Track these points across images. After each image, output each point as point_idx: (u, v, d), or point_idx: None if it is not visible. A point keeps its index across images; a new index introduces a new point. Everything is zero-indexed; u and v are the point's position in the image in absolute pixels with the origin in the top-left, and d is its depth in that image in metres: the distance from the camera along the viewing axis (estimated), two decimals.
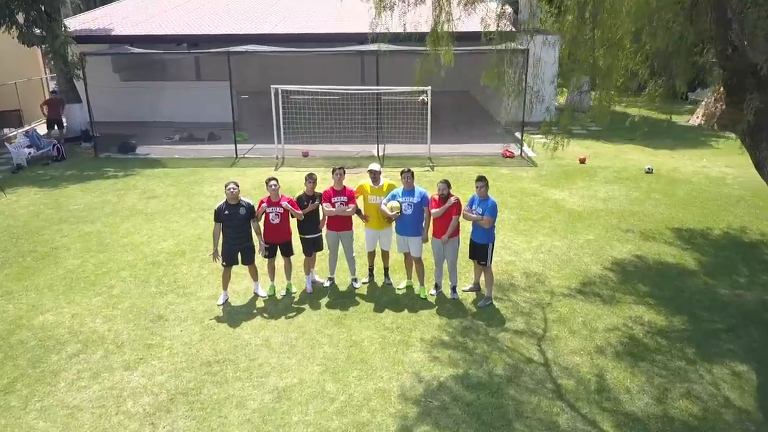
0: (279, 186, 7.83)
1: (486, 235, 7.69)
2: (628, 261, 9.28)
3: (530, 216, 11.23)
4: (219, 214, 7.60)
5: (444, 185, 7.69)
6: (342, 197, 7.98)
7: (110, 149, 16.57)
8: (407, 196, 7.80)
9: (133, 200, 12.19)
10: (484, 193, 7.67)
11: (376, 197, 7.97)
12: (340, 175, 7.98)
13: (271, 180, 7.84)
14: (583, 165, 15.07)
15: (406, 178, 7.82)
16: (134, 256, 9.38)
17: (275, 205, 7.78)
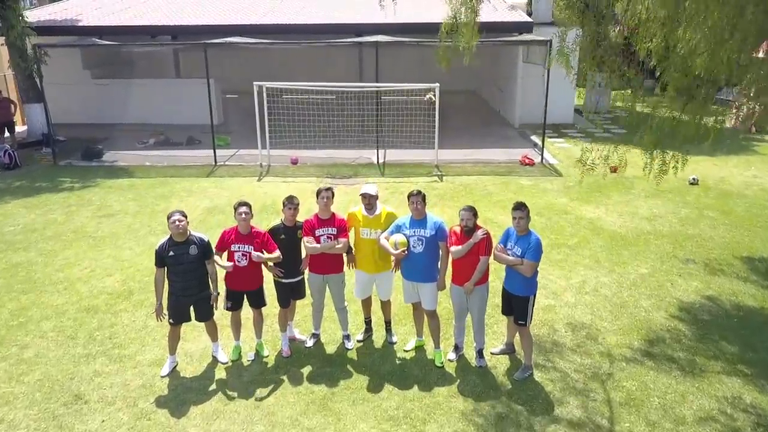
0: (251, 215, 5.87)
1: (526, 285, 5.64)
2: (699, 305, 7.24)
3: (564, 241, 9.19)
4: (161, 256, 5.60)
5: (469, 214, 5.66)
6: (329, 229, 5.92)
7: (73, 155, 14.54)
8: (417, 228, 5.79)
9: (83, 220, 10.13)
10: (525, 227, 5.59)
11: (370, 230, 5.94)
12: (326, 199, 5.90)
13: (241, 206, 5.82)
14: (615, 174, 13.00)
15: (416, 204, 5.78)
16: (66, 299, 7.33)
17: (244, 242, 5.79)
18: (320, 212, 5.96)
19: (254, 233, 5.84)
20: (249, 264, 5.81)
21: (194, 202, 11.04)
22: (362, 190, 6.03)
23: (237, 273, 5.84)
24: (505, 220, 10.03)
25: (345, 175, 12.89)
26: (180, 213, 5.66)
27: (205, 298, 5.83)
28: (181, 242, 5.59)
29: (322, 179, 12.60)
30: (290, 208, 5.97)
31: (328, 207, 5.94)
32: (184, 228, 5.58)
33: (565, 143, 16.12)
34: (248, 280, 5.95)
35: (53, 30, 16.32)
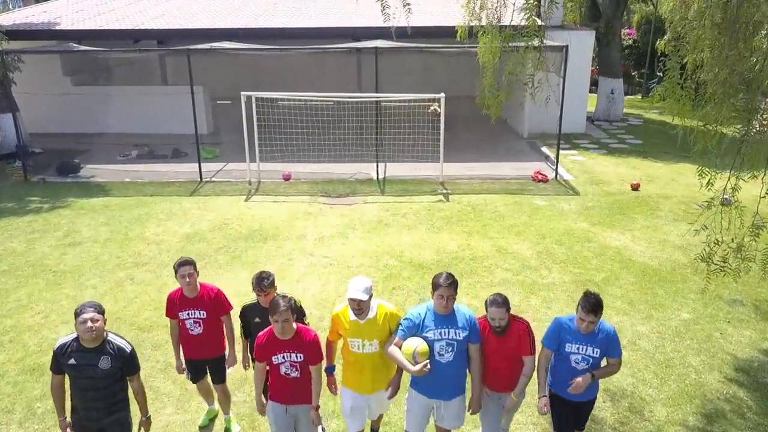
0: (197, 274, 4.79)
1: (593, 385, 4.35)
2: (757, 363, 6.13)
3: (590, 276, 8.07)
4: (58, 361, 4.04)
5: (502, 311, 4.10)
6: (293, 354, 4.12)
7: (48, 170, 13.41)
8: (444, 327, 4.13)
9: (45, 249, 9.00)
10: (589, 329, 4.18)
11: (362, 342, 4.22)
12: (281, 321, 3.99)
13: (182, 266, 4.69)
14: (636, 192, 11.91)
15: (446, 299, 4.07)
16: (9, 355, 6.20)
17: (194, 307, 4.79)
18: (277, 330, 4.06)
19: (203, 295, 4.83)
20: (204, 332, 4.83)
21: (173, 227, 9.91)
22: (349, 292, 4.12)
23: (192, 341, 4.89)
24: (520, 249, 8.94)
25: (342, 193, 11.78)
26: (95, 309, 3.95)
27: (118, 423, 4.13)
28: (91, 349, 3.96)
29: (316, 197, 11.48)
30: (261, 293, 4.51)
31: (286, 327, 4.03)
32: (100, 332, 3.93)
33: (579, 156, 15.01)
34: (206, 348, 4.93)
35: (30, 34, 15.24)
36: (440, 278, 4.12)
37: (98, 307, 4.01)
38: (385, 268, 8.32)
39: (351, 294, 4.13)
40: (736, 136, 4.51)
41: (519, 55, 6.13)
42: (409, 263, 8.46)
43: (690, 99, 4.72)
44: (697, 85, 4.94)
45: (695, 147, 4.72)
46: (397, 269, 8.27)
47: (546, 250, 8.94)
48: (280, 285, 7.64)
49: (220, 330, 4.99)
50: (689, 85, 4.69)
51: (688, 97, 4.70)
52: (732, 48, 5.14)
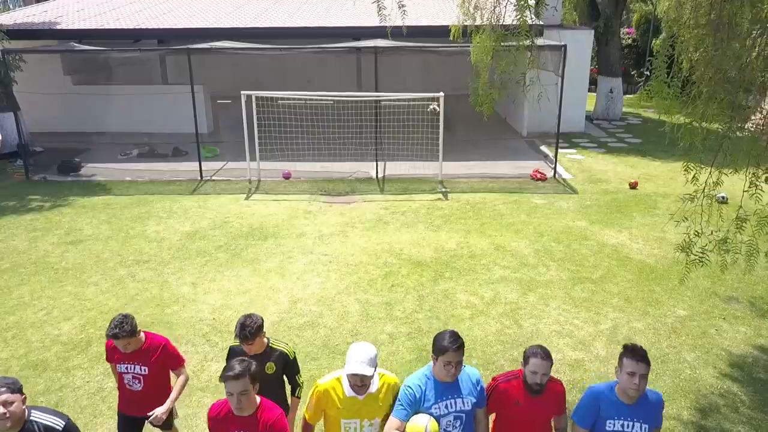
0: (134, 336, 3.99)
1: None
2: (752, 358, 6.20)
3: (587, 274, 8.14)
4: None
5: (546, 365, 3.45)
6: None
7: (49, 169, 13.49)
8: (449, 397, 3.48)
9: (48, 247, 9.08)
10: (642, 388, 3.38)
11: (360, 423, 3.48)
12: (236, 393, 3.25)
13: (118, 327, 3.91)
14: (634, 191, 11.99)
15: (453, 366, 3.40)
16: (12, 351, 6.28)
17: (134, 360, 4.10)
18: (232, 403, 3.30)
19: (147, 347, 4.11)
20: (145, 388, 4.14)
21: (174, 225, 9.98)
22: (349, 365, 3.33)
23: (130, 397, 4.23)
24: (518, 247, 9.01)
25: (341, 192, 11.85)
26: (9, 388, 3.16)
27: None
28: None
29: (315, 196, 11.55)
30: (246, 341, 3.86)
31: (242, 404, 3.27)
32: (16, 417, 3.14)
33: (577, 155, 15.08)
34: (146, 406, 4.14)
35: (30, 33, 15.29)
36: (444, 340, 3.38)
37: (13, 384, 3.21)
38: (385, 265, 8.39)
39: (352, 369, 3.29)
40: (720, 132, 4.57)
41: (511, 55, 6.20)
42: (408, 261, 8.53)
43: (676, 97, 4.79)
44: (684, 83, 5.00)
45: (681, 143, 4.79)
46: (396, 267, 8.34)
47: (544, 247, 9.01)
48: (281, 281, 7.79)
49: (166, 384, 4.29)
50: (675, 83, 4.76)
51: (675, 95, 4.77)
52: (717, 48, 5.23)
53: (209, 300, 7.36)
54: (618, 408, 3.42)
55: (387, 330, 6.66)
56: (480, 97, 7.06)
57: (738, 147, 4.80)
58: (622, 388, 3.40)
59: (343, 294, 7.53)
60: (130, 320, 3.99)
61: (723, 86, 5.22)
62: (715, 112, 4.64)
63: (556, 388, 3.64)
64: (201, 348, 6.32)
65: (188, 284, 7.79)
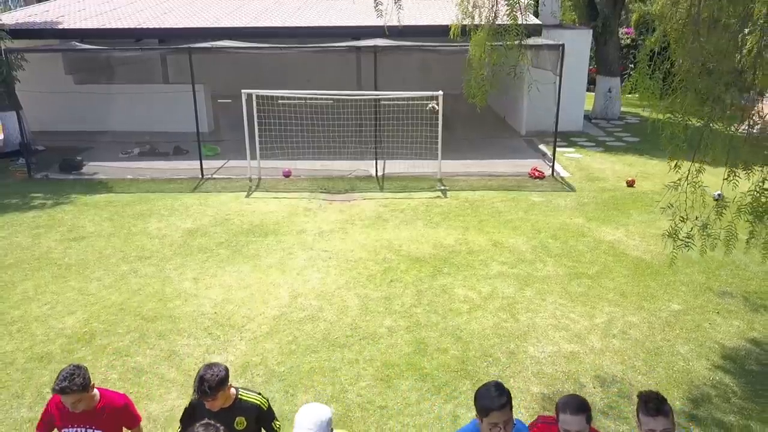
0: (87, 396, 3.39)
1: None
2: (744, 351, 6.30)
3: (584, 270, 8.24)
4: None
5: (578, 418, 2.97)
6: None
7: (50, 167, 13.59)
8: None
9: (50, 243, 9.18)
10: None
11: None
12: None
13: (63, 383, 3.28)
14: (632, 189, 12.09)
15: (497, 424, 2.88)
16: (18, 344, 6.38)
17: (81, 424, 3.45)
18: None
19: (102, 406, 3.50)
20: None
21: (175, 222, 10.09)
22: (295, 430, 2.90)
23: None
24: (516, 243, 9.12)
25: (341, 190, 11.95)
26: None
27: None
28: None
29: (315, 194, 11.66)
30: (206, 397, 3.37)
31: None
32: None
33: (575, 153, 15.19)
34: None
35: (32, 33, 15.40)
36: (486, 398, 2.90)
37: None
38: (384, 261, 8.49)
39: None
40: (701, 124, 4.71)
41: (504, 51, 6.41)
42: (406, 257, 8.64)
43: (658, 89, 4.92)
44: (666, 76, 5.13)
45: (663, 133, 4.93)
46: (395, 263, 8.44)
47: (541, 244, 9.12)
48: (281, 277, 7.89)
49: None
50: (657, 76, 4.89)
51: (657, 87, 4.90)
52: (694, 41, 5.35)
53: (211, 295, 7.47)
54: None
55: (386, 324, 6.77)
56: (473, 89, 7.21)
57: (718, 140, 4.92)
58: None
59: (343, 289, 7.64)
60: (82, 372, 3.34)
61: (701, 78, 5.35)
62: (693, 103, 4.77)
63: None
64: (203, 341, 6.43)
65: (190, 279, 7.90)
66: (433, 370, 5.88)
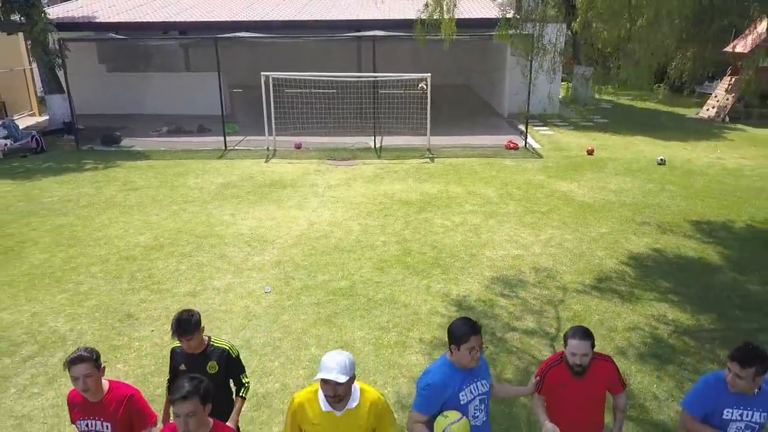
0: (99, 373, 3.33)
1: None
2: (646, 255, 8.52)
3: (538, 208, 10.46)
4: None
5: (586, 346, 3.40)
6: None
7: (93, 141, 15.77)
8: (471, 382, 3.38)
9: (111, 192, 11.40)
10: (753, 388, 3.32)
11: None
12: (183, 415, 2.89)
13: (76, 363, 3.23)
14: (591, 156, 14.31)
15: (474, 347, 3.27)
16: (107, 251, 8.59)
17: (94, 415, 3.38)
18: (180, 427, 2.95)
19: (110, 399, 3.38)
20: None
21: (209, 179, 12.30)
22: (321, 371, 3.01)
23: None
24: (486, 192, 11.33)
25: (345, 158, 14.16)
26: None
27: None
28: None
29: (323, 161, 13.87)
30: (184, 336, 3.71)
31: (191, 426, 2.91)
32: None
33: (549, 131, 17.40)
34: None
35: (71, 26, 17.58)
36: (463, 328, 3.27)
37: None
38: (380, 204, 10.70)
39: (323, 374, 2.98)
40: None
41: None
42: (398, 201, 10.85)
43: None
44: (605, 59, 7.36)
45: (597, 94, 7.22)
46: (389, 204, 10.64)
47: (507, 192, 11.34)
48: (300, 213, 10.11)
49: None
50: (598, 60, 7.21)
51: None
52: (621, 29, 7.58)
53: (246, 223, 9.67)
54: (736, 398, 3.31)
55: (381, 239, 8.98)
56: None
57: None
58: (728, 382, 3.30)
59: (348, 220, 9.85)
60: (95, 351, 3.34)
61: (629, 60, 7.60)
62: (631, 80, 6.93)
63: (603, 366, 3.54)
64: (245, 249, 8.62)
65: (228, 214, 10.11)
66: (414, 263, 8.10)
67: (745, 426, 3.33)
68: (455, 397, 3.28)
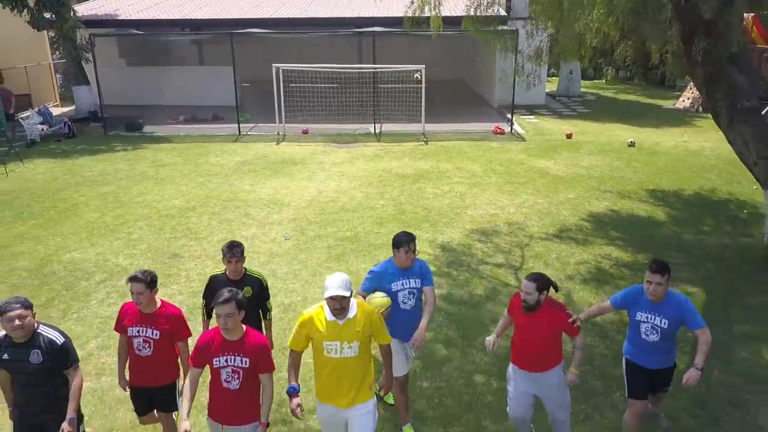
0: (150, 291, 4.14)
1: (673, 352, 4.50)
2: (604, 214, 10.09)
3: (516, 180, 12.04)
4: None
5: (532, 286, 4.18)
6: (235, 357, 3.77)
7: (118, 128, 17.33)
8: (404, 278, 4.62)
9: (143, 168, 12.98)
10: (662, 294, 4.25)
11: (341, 345, 3.88)
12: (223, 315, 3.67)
13: (132, 281, 4.10)
14: (569, 140, 15.88)
15: (408, 251, 4.54)
16: (148, 211, 10.17)
17: (146, 324, 4.21)
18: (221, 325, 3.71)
19: (161, 313, 4.21)
20: (154, 353, 4.22)
21: (227, 158, 13.88)
22: (328, 290, 3.75)
23: (138, 364, 4.30)
24: (472, 167, 12.91)
25: (347, 141, 15.74)
26: (22, 305, 3.80)
27: (56, 422, 3.86)
28: (22, 344, 3.84)
29: (328, 144, 15.44)
30: (232, 260, 4.57)
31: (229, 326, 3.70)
32: (28, 328, 3.82)
33: (534, 119, 18.98)
34: (153, 375, 4.31)
35: (95, 23, 19.13)
36: (402, 236, 4.57)
37: (25, 302, 3.82)
38: (379, 177, 12.27)
39: (331, 292, 3.73)
40: None
41: None
42: (395, 174, 12.42)
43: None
44: None
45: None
46: (387, 177, 12.21)
47: (490, 168, 12.92)
48: (310, 183, 11.69)
49: (172, 355, 4.34)
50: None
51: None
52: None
53: (264, 191, 11.25)
54: (645, 304, 4.27)
55: (380, 203, 10.56)
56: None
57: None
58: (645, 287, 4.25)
59: (352, 189, 11.42)
60: (153, 273, 4.13)
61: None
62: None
63: (554, 313, 4.22)
64: (265, 209, 10.20)
65: (248, 185, 11.68)
66: (408, 220, 9.67)
67: (651, 327, 4.24)
68: (388, 285, 4.53)
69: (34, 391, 3.88)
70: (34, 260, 8.16)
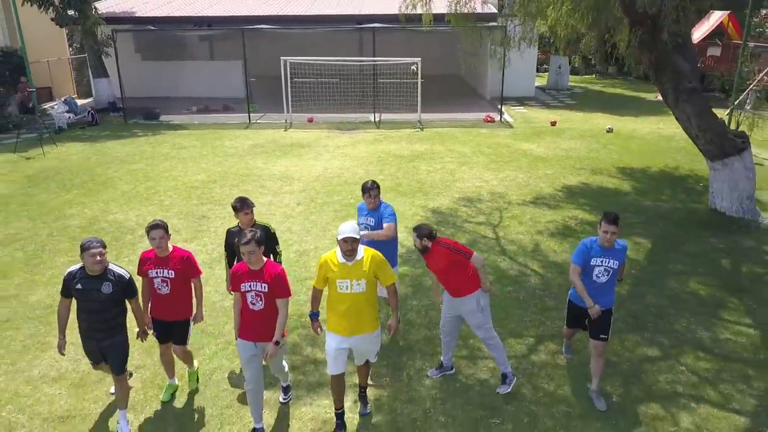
0: (167, 236, 4.97)
1: (612, 294, 5.20)
2: (576, 186, 11.46)
3: (501, 159, 13.41)
4: (68, 286, 4.71)
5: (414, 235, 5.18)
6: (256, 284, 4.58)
7: (136, 117, 18.70)
8: (369, 217, 5.91)
9: (166, 150, 14.35)
10: (614, 241, 5.03)
11: (351, 282, 4.59)
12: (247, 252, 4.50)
13: (153, 228, 4.92)
14: (553, 127, 17.24)
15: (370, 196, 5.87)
16: (175, 183, 11.55)
17: (163, 266, 5.01)
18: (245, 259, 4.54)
19: (174, 255, 5.03)
20: (171, 292, 5.03)
21: (241, 142, 15.26)
22: (342, 233, 4.51)
23: (159, 301, 5.10)
24: (463, 150, 14.28)
25: (349, 128, 17.11)
26: (100, 244, 4.60)
27: (114, 345, 4.78)
28: (95, 276, 4.61)
29: (332, 130, 16.82)
30: (246, 211, 5.35)
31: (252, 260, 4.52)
32: (104, 263, 4.63)
33: (523, 109, 20.35)
34: (171, 310, 5.12)
35: (114, 20, 20.48)
36: (369, 183, 5.91)
37: (102, 242, 4.63)
38: (379, 157, 13.64)
39: (344, 234, 4.49)
40: None
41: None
42: (393, 155, 13.79)
43: None
44: None
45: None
46: (385, 158, 13.59)
47: (479, 150, 14.29)
48: (317, 162, 13.06)
49: (187, 294, 5.13)
50: None
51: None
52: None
53: (276, 168, 12.62)
54: (598, 251, 5.02)
55: (380, 178, 11.90)
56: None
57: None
58: (600, 238, 5.01)
59: (354, 167, 12.79)
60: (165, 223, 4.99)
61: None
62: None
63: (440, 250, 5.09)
64: (277, 182, 11.57)
65: (261, 163, 13.06)
66: (404, 191, 11.05)
67: (604, 269, 4.98)
68: (361, 218, 5.91)
69: (100, 318, 4.66)
70: (83, 220, 9.54)
